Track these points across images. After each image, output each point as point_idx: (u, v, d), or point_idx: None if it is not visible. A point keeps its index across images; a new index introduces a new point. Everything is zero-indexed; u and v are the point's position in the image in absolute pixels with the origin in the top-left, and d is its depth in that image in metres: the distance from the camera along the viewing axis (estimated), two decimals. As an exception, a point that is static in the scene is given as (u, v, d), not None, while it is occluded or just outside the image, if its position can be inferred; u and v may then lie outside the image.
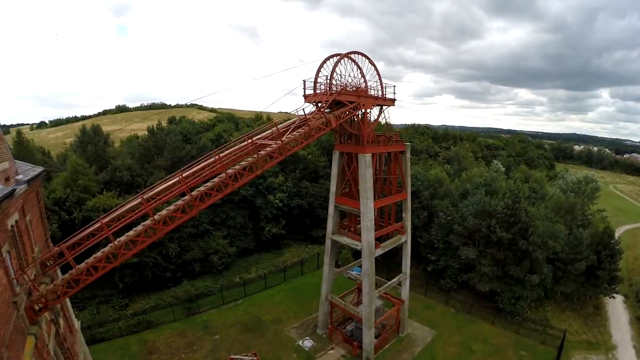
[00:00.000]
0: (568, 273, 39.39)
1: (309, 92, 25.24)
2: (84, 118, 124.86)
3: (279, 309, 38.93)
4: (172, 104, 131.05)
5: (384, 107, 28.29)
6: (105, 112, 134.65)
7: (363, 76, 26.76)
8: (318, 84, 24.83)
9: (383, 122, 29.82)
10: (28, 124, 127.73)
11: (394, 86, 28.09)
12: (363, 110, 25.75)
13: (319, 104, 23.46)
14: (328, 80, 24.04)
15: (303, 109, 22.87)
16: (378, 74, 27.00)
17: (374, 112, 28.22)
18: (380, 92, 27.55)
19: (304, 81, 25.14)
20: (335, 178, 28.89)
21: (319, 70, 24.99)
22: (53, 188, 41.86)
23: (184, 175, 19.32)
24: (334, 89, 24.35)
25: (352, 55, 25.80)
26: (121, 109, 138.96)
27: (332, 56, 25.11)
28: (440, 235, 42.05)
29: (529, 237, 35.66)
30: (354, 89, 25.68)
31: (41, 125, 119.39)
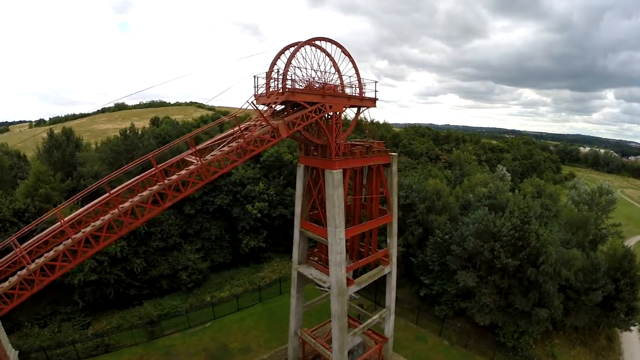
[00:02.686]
0: (581, 304, 32.24)
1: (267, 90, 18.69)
2: (82, 116, 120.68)
3: (250, 336, 32.87)
4: (172, 102, 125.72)
5: (362, 109, 21.54)
6: (104, 110, 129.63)
7: (337, 70, 20.13)
8: (272, 81, 18.26)
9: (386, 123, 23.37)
10: (28, 122, 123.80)
11: (375, 82, 21.18)
12: (331, 114, 19.04)
13: (266, 107, 16.97)
14: (282, 76, 17.33)
15: (235, 116, 16.33)
16: (354, 66, 19.99)
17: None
18: (358, 90, 20.76)
19: (255, 77, 18.63)
20: (300, 198, 22.28)
21: (273, 63, 18.45)
22: (15, 197, 36.62)
23: (65, 219, 14.70)
24: (291, 86, 17.75)
25: (321, 44, 19.11)
26: (120, 107, 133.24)
27: (291, 45, 18.51)
28: (436, 257, 35.03)
29: (539, 265, 28.65)
30: (321, 85, 19.08)
31: (40, 122, 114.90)
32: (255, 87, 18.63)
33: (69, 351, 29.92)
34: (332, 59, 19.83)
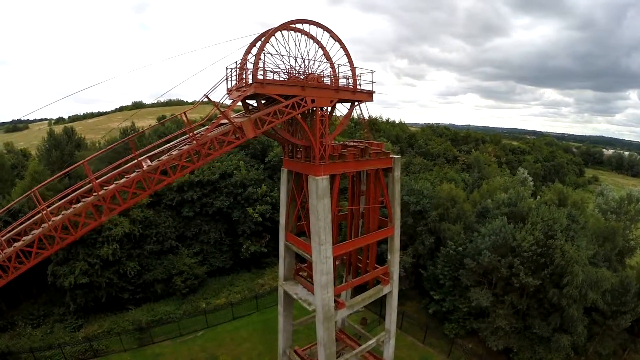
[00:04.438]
0: (607, 328, 27.50)
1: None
2: (100, 114, 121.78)
3: (242, 348, 29.99)
4: (189, 101, 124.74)
5: (357, 103, 17.84)
6: (121, 109, 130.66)
7: (327, 57, 16.47)
8: (245, 71, 14.97)
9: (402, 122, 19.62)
10: (48, 119, 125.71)
11: (372, 71, 17.22)
12: (313, 109, 15.51)
13: (233, 102, 13.72)
14: (253, 65, 13.95)
15: (184, 113, 13.21)
16: (346, 52, 16.14)
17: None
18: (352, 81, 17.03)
19: (228, 68, 15.40)
20: (284, 207, 18.87)
21: (247, 51, 15.19)
22: (11, 197, 35.12)
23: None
24: (270, 77, 14.43)
25: (304, 27, 15.58)
26: (137, 106, 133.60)
27: (266, 32, 15.10)
28: (447, 270, 30.83)
29: (563, 286, 24.32)
30: (304, 76, 15.60)
31: (59, 120, 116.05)
32: (227, 79, 15.40)
33: (57, 354, 28.61)
34: (320, 44, 16.23)
